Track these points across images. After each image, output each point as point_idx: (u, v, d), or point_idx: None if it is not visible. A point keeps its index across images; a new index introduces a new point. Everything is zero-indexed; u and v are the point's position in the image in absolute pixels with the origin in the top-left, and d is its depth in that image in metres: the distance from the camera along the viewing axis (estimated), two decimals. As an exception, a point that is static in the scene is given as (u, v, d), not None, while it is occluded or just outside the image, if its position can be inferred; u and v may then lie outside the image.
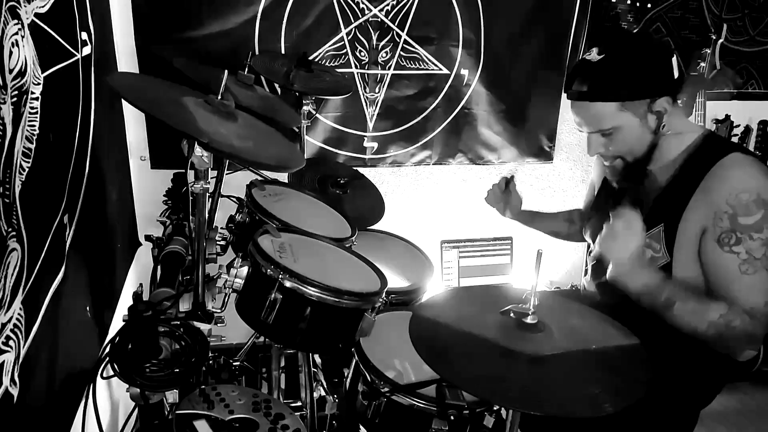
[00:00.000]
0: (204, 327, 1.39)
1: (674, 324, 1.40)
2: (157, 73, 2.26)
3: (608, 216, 1.56)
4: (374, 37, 2.61)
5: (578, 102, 1.49)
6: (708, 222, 1.40)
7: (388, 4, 2.57)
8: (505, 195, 2.00)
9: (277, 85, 2.48)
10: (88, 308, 1.63)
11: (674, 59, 1.45)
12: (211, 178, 1.42)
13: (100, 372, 1.23)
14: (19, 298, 1.12)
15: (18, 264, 1.11)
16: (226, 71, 1.41)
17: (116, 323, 1.88)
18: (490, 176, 3.00)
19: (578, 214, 1.99)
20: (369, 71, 2.66)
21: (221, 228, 1.80)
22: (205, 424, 1.23)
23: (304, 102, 2.19)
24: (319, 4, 2.49)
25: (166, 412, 1.37)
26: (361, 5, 2.54)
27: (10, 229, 1.08)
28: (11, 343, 1.08)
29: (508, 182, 1.99)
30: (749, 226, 1.36)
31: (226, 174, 2.01)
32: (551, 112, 2.97)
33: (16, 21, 1.13)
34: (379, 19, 2.59)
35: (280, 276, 1.30)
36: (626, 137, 1.48)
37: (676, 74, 1.45)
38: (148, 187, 2.46)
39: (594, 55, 1.45)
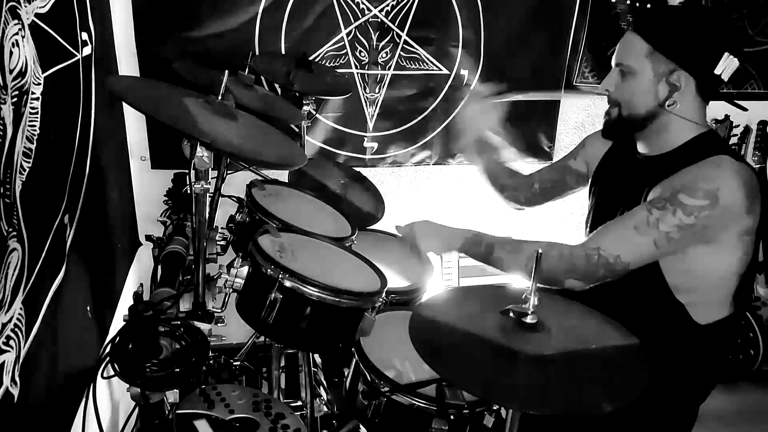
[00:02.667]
0: (204, 327, 1.39)
1: (502, 271, 1.46)
2: (158, 72, 2.28)
3: (610, 209, 1.55)
4: (374, 38, 2.61)
5: (629, 32, 1.48)
6: (658, 191, 1.39)
7: (388, 5, 2.57)
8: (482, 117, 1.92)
9: (277, 86, 2.49)
10: (88, 308, 1.63)
11: (726, 57, 1.39)
12: (212, 178, 1.42)
13: (100, 372, 1.23)
14: (20, 298, 1.12)
15: (18, 264, 1.12)
16: (226, 71, 1.42)
17: (117, 323, 1.88)
18: (490, 176, 3.00)
19: (522, 177, 1.93)
20: (369, 71, 2.66)
21: (221, 228, 1.80)
22: (205, 424, 1.23)
23: (304, 102, 2.19)
24: (319, 5, 2.49)
25: (167, 412, 1.37)
26: (361, 5, 2.55)
27: (10, 229, 1.08)
28: (12, 343, 1.09)
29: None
30: (683, 204, 1.33)
31: (227, 174, 2.01)
32: (551, 112, 2.97)
33: (16, 21, 1.13)
34: (379, 20, 2.59)
35: (280, 276, 1.30)
36: (634, 86, 1.45)
37: (718, 70, 1.40)
38: (148, 187, 2.46)
39: (676, 1, 1.45)
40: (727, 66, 1.41)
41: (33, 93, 1.22)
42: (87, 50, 1.67)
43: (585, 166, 1.79)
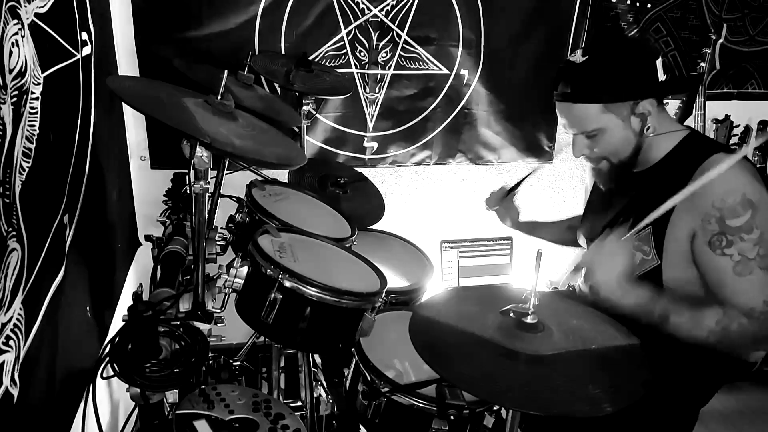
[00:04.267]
0: (204, 327, 1.39)
1: (675, 335, 1.40)
2: (158, 72, 2.28)
3: (598, 220, 1.56)
4: (374, 37, 2.61)
5: (563, 103, 1.50)
6: (696, 225, 1.39)
7: (388, 4, 2.57)
8: (504, 203, 2.00)
9: (277, 85, 2.48)
10: (88, 308, 1.63)
11: (659, 62, 1.45)
12: (211, 178, 1.42)
13: (100, 372, 1.23)
14: (19, 298, 1.12)
15: (18, 264, 1.11)
16: (226, 71, 1.41)
17: (116, 323, 1.88)
18: (490, 176, 3.00)
19: (578, 220, 1.97)
20: (369, 71, 2.66)
21: (221, 228, 1.80)
22: (205, 424, 1.23)
23: (304, 102, 2.19)
24: (319, 4, 2.49)
25: (166, 412, 1.37)
26: (361, 5, 2.54)
27: (10, 229, 1.08)
28: (11, 343, 1.08)
29: (508, 192, 2.00)
30: (738, 227, 1.35)
31: (226, 174, 2.00)
32: (551, 112, 2.96)
33: (16, 21, 1.13)
34: (379, 19, 2.59)
35: (280, 276, 1.30)
36: (610, 139, 1.48)
37: (661, 76, 1.45)
38: (148, 187, 2.46)
39: (578, 56, 1.46)
40: (660, 69, 1.45)
41: (33, 93, 1.22)
42: (87, 50, 1.67)
43: None
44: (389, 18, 2.59)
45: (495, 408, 1.29)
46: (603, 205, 1.66)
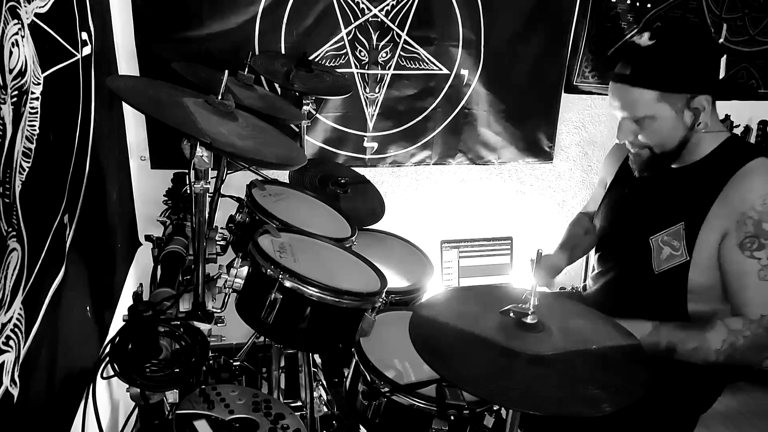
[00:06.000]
0: (204, 327, 1.39)
1: (688, 361, 1.40)
2: (158, 72, 2.28)
3: (629, 212, 1.52)
4: (374, 37, 2.61)
5: (618, 84, 1.44)
6: (731, 226, 1.38)
7: (388, 4, 2.57)
8: (543, 268, 1.84)
9: (277, 85, 2.49)
10: (88, 308, 1.63)
11: (723, 59, 1.42)
12: (211, 178, 1.42)
13: (100, 372, 1.23)
14: (19, 298, 1.12)
15: (18, 264, 1.11)
16: (226, 71, 1.42)
17: (116, 323, 1.88)
18: (490, 176, 3.01)
19: (588, 219, 1.94)
20: (369, 71, 2.66)
21: (221, 228, 1.80)
22: (205, 424, 1.23)
23: (304, 102, 2.19)
24: (319, 4, 2.49)
25: (166, 412, 1.37)
26: (361, 5, 2.55)
27: (10, 229, 1.08)
28: (11, 343, 1.08)
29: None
30: None
31: (227, 174, 2.01)
32: (551, 112, 2.97)
33: (16, 21, 1.13)
34: (379, 19, 2.59)
35: (280, 276, 1.30)
36: (659, 128, 1.43)
37: (722, 74, 1.42)
38: (148, 187, 2.46)
39: (645, 39, 1.40)
40: (723, 67, 1.42)
41: (33, 93, 1.21)
42: (87, 50, 1.67)
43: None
44: (389, 18, 2.59)
45: (495, 408, 1.29)
46: (635, 198, 1.62)
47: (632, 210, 1.61)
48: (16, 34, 1.13)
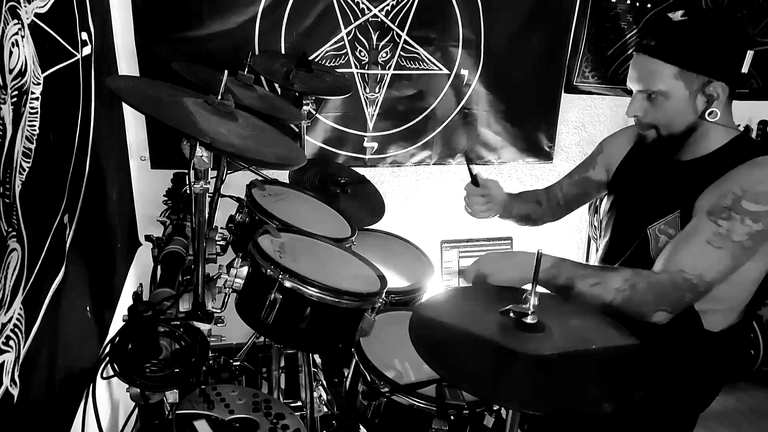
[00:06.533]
0: (204, 327, 1.39)
1: (583, 301, 1.35)
2: (158, 72, 2.28)
3: (634, 204, 1.51)
4: (374, 37, 2.61)
5: (641, 55, 1.43)
6: (713, 200, 1.36)
7: (388, 4, 2.57)
8: (483, 191, 1.84)
9: (277, 86, 2.49)
10: (88, 308, 1.63)
11: (750, 53, 1.38)
12: (211, 178, 1.42)
13: (100, 372, 1.23)
14: (20, 298, 1.12)
15: (18, 264, 1.11)
16: (226, 71, 1.42)
17: (116, 323, 1.88)
18: (490, 176, 2.99)
19: (545, 195, 1.92)
20: (369, 71, 2.66)
21: (221, 228, 1.80)
22: (205, 424, 1.23)
23: (304, 102, 2.19)
24: (319, 4, 2.50)
25: (166, 412, 1.37)
26: (361, 5, 2.55)
27: (10, 229, 1.08)
28: (11, 343, 1.08)
29: (474, 179, 1.84)
30: (749, 211, 1.31)
31: (227, 174, 2.01)
32: (551, 112, 2.97)
33: (16, 21, 1.13)
34: (379, 19, 2.59)
35: (280, 276, 1.30)
36: (670, 107, 1.42)
37: (745, 69, 1.39)
38: (148, 187, 2.46)
39: (677, 15, 1.39)
40: (747, 61, 1.40)
41: (33, 93, 1.22)
42: (87, 50, 1.67)
43: (605, 173, 1.76)
44: (389, 18, 2.59)
45: (495, 408, 1.29)
46: (638, 190, 1.60)
47: (634, 202, 1.61)
48: (16, 34, 1.13)
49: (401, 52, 2.66)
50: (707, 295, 1.40)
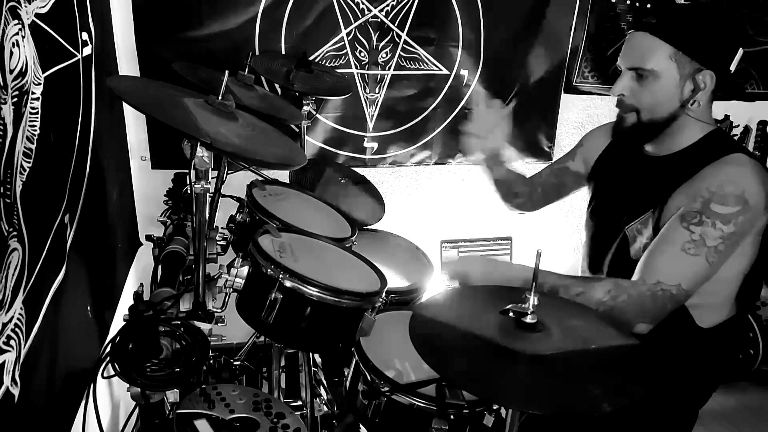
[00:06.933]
0: (204, 327, 1.39)
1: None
2: (158, 72, 2.28)
3: (614, 203, 1.52)
4: (374, 38, 2.61)
5: (639, 33, 1.43)
6: (683, 203, 1.37)
7: (388, 5, 2.57)
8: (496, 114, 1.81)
9: (277, 86, 2.49)
10: (88, 308, 1.63)
11: (740, 52, 1.39)
12: (212, 178, 1.42)
13: (100, 372, 1.23)
14: (20, 298, 1.12)
15: (19, 264, 1.12)
16: (226, 71, 1.42)
17: (117, 323, 1.88)
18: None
19: (529, 182, 1.91)
20: (369, 71, 2.66)
21: (222, 228, 1.80)
22: (205, 424, 1.23)
23: (304, 102, 2.20)
24: (319, 5, 2.50)
25: (167, 412, 1.37)
26: (361, 5, 2.55)
27: (11, 229, 1.08)
28: (12, 342, 1.09)
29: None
30: (719, 214, 1.32)
31: (227, 174, 2.01)
32: (551, 112, 2.97)
33: (16, 21, 1.13)
34: (379, 20, 2.59)
35: (281, 276, 1.30)
36: (658, 89, 1.41)
37: (732, 67, 1.40)
38: (148, 187, 2.46)
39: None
40: (736, 60, 1.41)
41: (33, 93, 1.22)
42: (87, 50, 1.67)
43: (584, 166, 1.77)
44: (389, 18, 2.60)
45: (495, 407, 1.29)
46: (615, 190, 1.61)
47: (611, 200, 1.61)
48: (17, 34, 1.13)
49: (401, 53, 2.66)
50: (698, 291, 1.41)
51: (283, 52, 2.50)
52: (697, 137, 1.46)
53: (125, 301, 2.05)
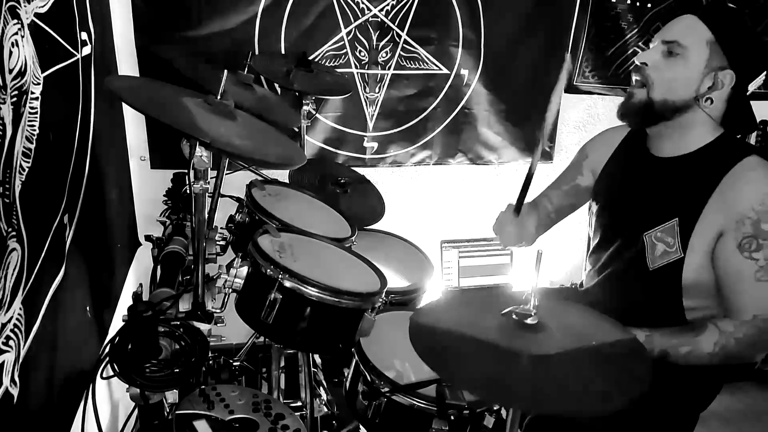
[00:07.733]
0: (204, 327, 1.39)
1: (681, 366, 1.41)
2: (158, 72, 2.28)
3: (623, 204, 1.51)
4: (374, 37, 2.61)
5: (687, 15, 1.45)
6: (728, 226, 1.37)
7: (388, 4, 2.57)
8: (519, 221, 1.71)
9: (276, 85, 2.48)
10: (88, 308, 1.63)
11: (762, 77, 1.43)
12: (211, 178, 1.42)
13: (100, 372, 1.23)
14: (19, 298, 1.12)
15: (18, 264, 1.11)
16: (226, 71, 1.41)
17: (116, 323, 1.88)
18: (490, 176, 3.00)
19: (550, 204, 1.86)
20: (369, 71, 2.66)
21: (221, 228, 1.80)
22: (205, 424, 1.23)
23: (304, 102, 2.19)
24: (319, 4, 2.49)
25: (166, 413, 1.37)
26: (361, 5, 2.54)
27: (10, 229, 1.08)
28: (11, 343, 1.08)
29: (518, 206, 1.71)
30: None
31: (226, 174, 2.01)
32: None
33: (16, 21, 1.13)
34: (379, 19, 2.59)
35: (280, 276, 1.30)
36: (681, 70, 1.42)
37: (751, 87, 1.44)
38: (147, 187, 2.46)
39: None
40: (755, 83, 1.43)
41: (32, 93, 1.21)
42: (86, 50, 1.67)
43: (592, 178, 1.75)
44: (389, 18, 2.59)
45: (495, 408, 1.29)
46: (628, 192, 1.60)
47: (625, 205, 1.60)
48: (16, 34, 1.13)
49: (401, 52, 2.66)
50: (699, 295, 1.41)
51: (283, 51, 2.49)
52: (708, 139, 1.46)
53: (124, 302, 2.04)
